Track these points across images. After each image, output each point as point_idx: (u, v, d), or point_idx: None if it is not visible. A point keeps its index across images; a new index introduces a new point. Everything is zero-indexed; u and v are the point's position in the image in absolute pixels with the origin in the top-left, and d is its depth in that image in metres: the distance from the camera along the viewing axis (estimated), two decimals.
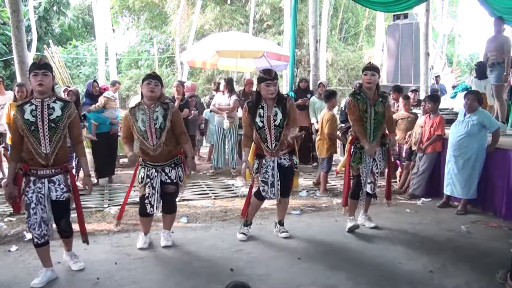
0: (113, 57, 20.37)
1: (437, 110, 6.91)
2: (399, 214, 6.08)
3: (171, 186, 4.60)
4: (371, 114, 5.02)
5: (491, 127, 6.01)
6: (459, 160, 6.09)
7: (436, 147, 6.79)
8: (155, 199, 4.56)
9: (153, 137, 4.44)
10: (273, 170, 4.83)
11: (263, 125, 4.73)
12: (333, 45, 24.17)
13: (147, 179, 4.52)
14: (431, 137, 6.73)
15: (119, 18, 28.18)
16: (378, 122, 5.07)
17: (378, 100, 5.06)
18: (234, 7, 23.56)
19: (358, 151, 5.16)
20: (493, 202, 6.06)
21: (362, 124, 5.07)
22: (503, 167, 5.87)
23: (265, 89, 4.69)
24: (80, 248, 4.54)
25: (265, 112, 4.74)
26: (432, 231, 5.40)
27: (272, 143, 4.74)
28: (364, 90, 5.07)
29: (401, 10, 10.82)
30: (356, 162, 5.18)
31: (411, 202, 6.73)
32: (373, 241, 5.02)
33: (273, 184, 4.86)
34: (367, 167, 5.17)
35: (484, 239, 5.13)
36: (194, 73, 23.78)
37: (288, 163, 4.87)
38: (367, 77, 5.01)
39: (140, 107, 4.50)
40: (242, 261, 4.44)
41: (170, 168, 4.56)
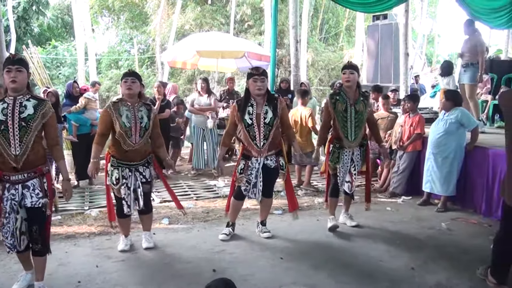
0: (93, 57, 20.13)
1: (416, 109, 6.98)
2: (380, 212, 6.12)
3: (146, 185, 4.58)
4: (351, 113, 5.04)
5: (469, 125, 6.09)
6: (438, 158, 6.16)
7: (416, 146, 6.86)
8: (131, 199, 4.52)
9: (137, 135, 4.40)
10: (257, 172, 4.83)
11: (252, 123, 4.71)
12: (314, 46, 24.24)
13: (122, 180, 4.47)
14: (411, 136, 6.79)
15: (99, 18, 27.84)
16: (359, 121, 5.08)
17: (359, 99, 5.08)
18: (214, 7, 23.49)
19: (336, 151, 5.18)
20: (472, 199, 6.14)
21: (327, 130, 5.24)
22: (482, 165, 5.95)
23: (253, 84, 4.70)
24: (61, 251, 4.48)
25: (254, 109, 4.73)
26: (413, 228, 5.45)
27: (261, 141, 4.73)
28: (344, 89, 5.10)
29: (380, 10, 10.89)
30: (334, 161, 5.20)
31: (391, 200, 6.78)
32: (354, 240, 5.05)
33: (255, 185, 4.86)
34: (345, 167, 5.19)
35: (464, 235, 5.20)
36: (175, 73, 23.64)
37: (274, 164, 4.87)
38: (346, 76, 5.04)
39: (123, 103, 4.46)
40: (224, 261, 4.42)
41: (144, 168, 4.53)
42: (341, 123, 5.06)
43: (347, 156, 5.17)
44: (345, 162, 5.18)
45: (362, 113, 5.09)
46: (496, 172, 5.73)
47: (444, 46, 35.92)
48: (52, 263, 4.12)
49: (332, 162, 5.22)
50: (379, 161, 7.74)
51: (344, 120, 5.05)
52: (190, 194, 7.09)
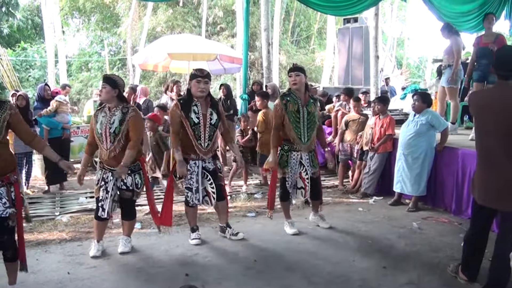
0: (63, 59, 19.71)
1: (386, 111, 7.07)
2: (352, 213, 6.18)
3: (127, 192, 4.53)
4: (303, 114, 5.03)
5: (439, 126, 6.20)
6: (409, 159, 6.25)
7: (386, 147, 6.94)
8: (107, 203, 4.47)
9: (107, 141, 4.39)
10: (198, 175, 4.79)
11: (198, 122, 4.71)
12: (286, 48, 24.36)
13: (101, 182, 4.47)
14: (382, 137, 6.87)
15: (69, 19, 27.39)
16: (312, 122, 5.08)
17: (310, 101, 5.10)
18: (186, 9, 23.37)
19: (285, 154, 5.13)
20: (443, 198, 6.25)
21: (279, 133, 5.12)
22: (452, 165, 6.07)
23: (195, 85, 4.70)
24: (32, 259, 4.38)
25: (199, 109, 4.73)
26: (384, 228, 5.51)
27: (205, 141, 4.73)
28: (294, 91, 5.09)
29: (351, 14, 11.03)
30: (282, 164, 5.14)
31: (363, 200, 6.85)
32: (327, 241, 5.08)
33: (197, 190, 4.82)
34: (294, 171, 5.13)
35: (435, 234, 5.29)
36: (146, 76, 23.43)
37: (213, 166, 4.86)
38: (292, 78, 5.05)
39: (103, 110, 4.50)
40: (197, 265, 4.40)
41: (126, 175, 4.48)
42: (293, 124, 5.02)
43: (295, 160, 5.11)
44: (293, 166, 5.12)
45: (314, 114, 5.10)
46: (465, 171, 5.84)
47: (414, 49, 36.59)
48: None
49: (280, 166, 5.16)
50: (350, 162, 7.82)
51: (297, 121, 5.03)
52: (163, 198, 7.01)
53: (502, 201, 3.50)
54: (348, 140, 7.55)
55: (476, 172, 3.74)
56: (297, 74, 5.03)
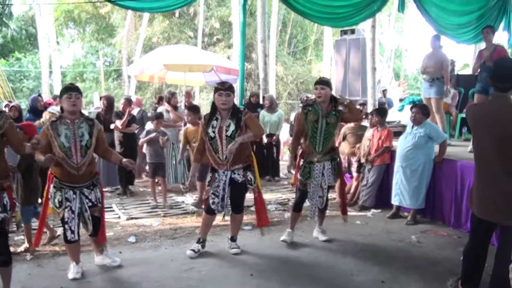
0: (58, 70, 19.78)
1: (384, 122, 7.09)
2: (350, 226, 6.16)
3: (94, 208, 4.39)
4: (322, 125, 5.09)
5: (438, 138, 6.21)
6: (407, 171, 6.25)
7: (384, 159, 6.95)
8: (74, 224, 4.26)
9: (78, 155, 4.20)
10: (225, 184, 4.83)
11: (214, 135, 4.75)
12: (282, 59, 24.45)
13: (66, 203, 4.22)
14: (379, 150, 6.88)
15: (64, 30, 27.45)
16: (329, 134, 5.14)
17: (331, 113, 5.13)
18: (182, 20, 23.47)
19: (307, 166, 5.21)
20: (442, 211, 6.24)
21: (299, 140, 5.28)
22: (450, 177, 6.06)
23: (217, 98, 4.76)
24: (24, 274, 4.33)
25: (218, 123, 4.78)
26: (382, 242, 5.50)
27: (224, 154, 4.74)
28: (317, 102, 5.17)
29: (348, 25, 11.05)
30: (304, 176, 5.22)
31: (361, 213, 6.84)
32: (324, 254, 5.06)
33: (223, 198, 4.85)
34: (316, 182, 5.20)
35: (434, 248, 5.27)
36: (142, 87, 23.44)
37: (242, 179, 4.87)
38: (317, 92, 5.12)
39: (62, 121, 4.24)
40: (193, 280, 4.36)
41: (89, 191, 4.33)
42: (310, 132, 5.13)
43: (318, 171, 5.18)
44: (316, 177, 5.19)
45: (333, 125, 5.15)
46: (464, 184, 5.84)
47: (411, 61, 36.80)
48: (14, 286, 3.97)
49: (303, 177, 5.24)
50: (347, 176, 7.82)
51: (314, 131, 5.11)
52: (158, 211, 7.00)
53: (500, 214, 3.49)
54: (345, 152, 7.55)
55: (474, 185, 3.73)
56: (322, 88, 5.09)
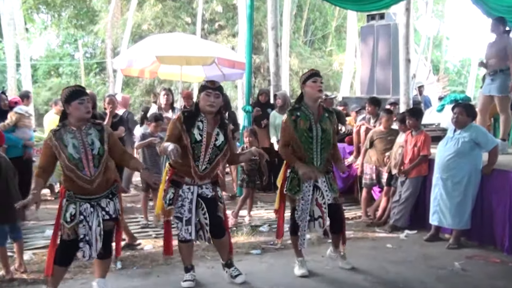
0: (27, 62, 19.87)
1: (420, 126, 7.08)
2: (379, 250, 6.15)
3: (110, 222, 4.47)
4: (317, 132, 5.03)
5: (487, 145, 6.18)
6: (448, 184, 6.25)
7: (420, 170, 6.94)
8: (94, 241, 4.34)
9: (90, 166, 4.29)
10: (191, 203, 4.79)
11: (201, 139, 4.72)
12: (298, 50, 24.49)
13: (80, 217, 4.29)
14: (415, 158, 6.87)
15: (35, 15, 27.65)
16: (326, 142, 5.10)
17: (324, 115, 5.12)
18: (178, 3, 23.56)
19: (296, 177, 5.11)
20: (492, 233, 6.19)
21: (288, 148, 5.14)
22: (502, 191, 6.01)
23: (205, 98, 4.74)
24: None
25: (204, 126, 4.77)
26: (419, 269, 5.49)
27: (204, 164, 4.75)
28: (305, 104, 5.11)
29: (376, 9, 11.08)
30: (293, 190, 5.13)
31: (392, 235, 6.83)
32: (348, 285, 5.04)
33: (189, 221, 4.80)
34: (306, 198, 5.11)
35: (484, 277, 5.24)
36: (130, 83, 23.61)
37: (211, 193, 4.86)
38: (317, 84, 5.06)
39: (67, 129, 4.32)
40: None
41: (108, 200, 4.44)
42: (305, 144, 5.03)
43: (308, 184, 5.09)
44: (306, 191, 5.10)
45: (329, 132, 5.11)
46: None
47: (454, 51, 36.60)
48: None
49: (290, 191, 5.14)
50: (376, 189, 7.81)
51: (309, 141, 5.03)
52: (149, 231, 7.03)
53: None
54: (373, 161, 7.55)
55: None
56: (321, 80, 5.12)
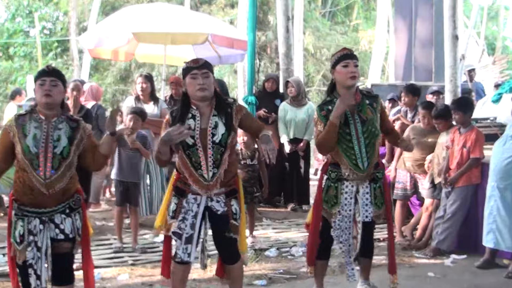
0: None
1: (470, 121, 7.07)
2: (419, 280, 6.17)
3: (65, 244, 4.45)
4: (356, 126, 5.03)
5: None
6: (507, 195, 6.25)
7: (471, 178, 6.94)
8: (41, 266, 4.35)
9: (48, 166, 4.27)
10: (195, 217, 4.73)
11: (194, 143, 4.65)
12: (314, 25, 24.49)
13: (29, 237, 4.30)
14: (464, 163, 6.88)
15: None
16: (371, 135, 5.05)
17: (364, 102, 5.11)
18: None
19: (333, 185, 5.12)
20: None
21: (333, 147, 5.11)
22: None
23: (191, 83, 4.63)
24: None
25: (197, 123, 4.68)
26: None
27: (209, 170, 4.66)
28: (338, 94, 5.07)
29: None
30: (330, 202, 5.13)
31: (435, 261, 6.84)
32: None
33: (190, 239, 4.77)
34: (346, 213, 5.11)
35: None
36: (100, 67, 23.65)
37: (223, 208, 4.76)
38: (349, 69, 4.99)
39: (34, 117, 4.36)
40: None
41: (63, 216, 4.40)
42: (342, 143, 5.03)
43: (349, 195, 5.10)
44: (346, 204, 5.09)
45: (372, 122, 5.07)
46: None
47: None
48: None
49: (327, 204, 5.15)
50: (415, 202, 7.81)
51: (348, 140, 5.02)
52: (124, 257, 7.05)
53: None
54: (407, 167, 7.57)
55: None
56: (355, 64, 5.04)
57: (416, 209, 7.88)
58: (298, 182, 9.62)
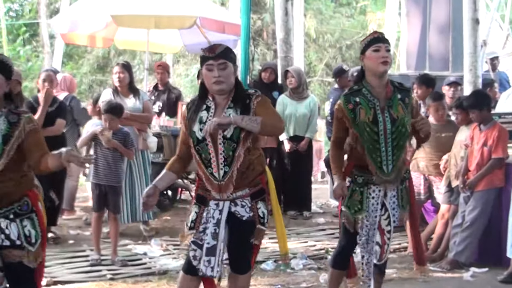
0: None
1: (491, 116, 7.09)
2: None
3: (15, 251, 4.41)
4: (385, 125, 5.01)
5: None
6: None
7: (493, 181, 6.96)
8: None
9: None
10: (217, 225, 4.70)
11: (203, 137, 4.62)
12: (316, 6, 24.49)
13: None
14: (484, 164, 6.90)
15: None
16: (400, 136, 5.04)
17: (395, 97, 5.08)
18: None
19: (358, 190, 5.13)
20: None
21: (341, 151, 5.20)
22: None
23: (206, 75, 4.60)
24: None
25: (210, 115, 4.64)
26: None
27: (220, 168, 4.62)
28: (368, 84, 5.07)
29: None
30: (354, 208, 5.15)
31: (453, 275, 6.86)
32: None
33: (212, 251, 4.73)
34: (372, 218, 5.14)
35: None
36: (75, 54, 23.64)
37: (248, 214, 4.73)
38: (381, 54, 4.95)
39: None
40: None
41: (8, 222, 4.38)
42: (368, 142, 5.02)
43: (376, 200, 5.13)
44: (373, 210, 5.13)
45: (402, 121, 5.04)
46: None
47: None
48: None
49: (350, 210, 5.16)
50: (429, 208, 7.83)
51: (374, 139, 5.01)
52: (102, 270, 7.06)
53: None
54: (421, 168, 7.60)
55: None
56: (387, 48, 5.00)
57: (431, 216, 7.89)
58: (299, 185, 9.61)
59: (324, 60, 24.03)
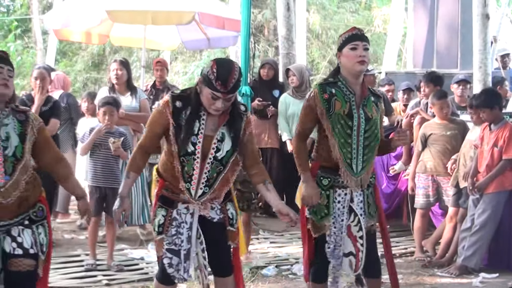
0: None
1: (502, 116, 7.09)
2: None
3: (26, 260, 4.42)
4: (359, 121, 4.99)
5: None
6: None
7: (504, 183, 6.96)
8: None
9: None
10: (190, 229, 4.73)
11: (194, 151, 4.60)
12: (320, 1, 24.49)
13: None
14: (495, 165, 6.90)
15: None
16: (372, 137, 5.04)
17: (369, 98, 5.08)
18: None
19: (324, 193, 5.07)
20: None
21: (306, 141, 5.23)
22: None
23: (208, 100, 4.50)
24: None
25: (203, 125, 4.61)
26: None
27: (200, 187, 4.63)
28: (344, 78, 5.04)
29: None
30: (320, 214, 5.08)
31: (461, 280, 6.86)
32: None
33: (187, 255, 4.74)
34: (339, 224, 5.07)
35: None
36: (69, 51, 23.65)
37: (218, 216, 4.80)
38: (358, 52, 4.91)
39: None
40: None
41: (22, 228, 4.39)
42: (339, 136, 4.97)
43: (342, 204, 5.06)
44: (339, 215, 5.05)
45: (376, 122, 5.06)
46: None
47: None
48: None
49: (316, 216, 5.10)
50: (437, 211, 7.82)
51: (347, 133, 4.96)
52: (98, 276, 7.06)
53: None
54: (428, 169, 7.60)
55: None
56: (365, 47, 4.97)
57: (439, 219, 7.89)
58: None
59: (328, 57, 24.01)
